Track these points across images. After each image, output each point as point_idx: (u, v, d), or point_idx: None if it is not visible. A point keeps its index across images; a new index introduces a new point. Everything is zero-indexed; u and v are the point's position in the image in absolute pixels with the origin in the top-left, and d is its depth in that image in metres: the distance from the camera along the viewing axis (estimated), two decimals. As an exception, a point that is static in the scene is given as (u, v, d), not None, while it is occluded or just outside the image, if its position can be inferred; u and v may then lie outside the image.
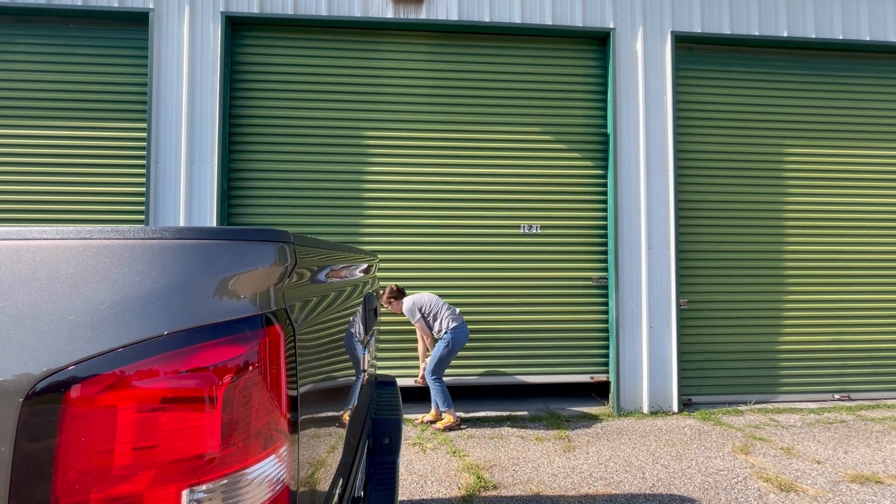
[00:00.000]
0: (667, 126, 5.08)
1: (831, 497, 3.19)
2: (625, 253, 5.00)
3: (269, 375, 0.74)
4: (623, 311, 4.98)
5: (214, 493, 0.65)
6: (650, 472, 3.54)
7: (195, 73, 4.71)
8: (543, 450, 3.96)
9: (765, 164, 5.35)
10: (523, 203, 5.09)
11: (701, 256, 5.24)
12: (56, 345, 0.61)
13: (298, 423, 0.84)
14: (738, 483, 3.38)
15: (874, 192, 5.45)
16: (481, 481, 3.35)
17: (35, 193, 4.67)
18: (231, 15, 4.75)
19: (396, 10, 4.89)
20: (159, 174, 4.65)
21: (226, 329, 0.69)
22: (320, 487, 1.01)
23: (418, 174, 5.00)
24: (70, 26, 4.77)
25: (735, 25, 5.18)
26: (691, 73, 5.30)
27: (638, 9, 5.10)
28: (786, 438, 4.24)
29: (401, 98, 5.03)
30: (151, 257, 0.70)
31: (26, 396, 0.59)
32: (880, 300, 5.41)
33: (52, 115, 4.72)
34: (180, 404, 0.64)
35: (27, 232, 0.72)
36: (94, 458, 0.60)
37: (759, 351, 5.28)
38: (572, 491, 3.25)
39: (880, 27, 5.35)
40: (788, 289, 5.33)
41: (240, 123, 4.89)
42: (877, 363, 5.38)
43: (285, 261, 0.83)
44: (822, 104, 5.44)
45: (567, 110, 5.17)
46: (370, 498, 1.73)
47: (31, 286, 0.66)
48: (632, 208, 5.03)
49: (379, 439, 2.08)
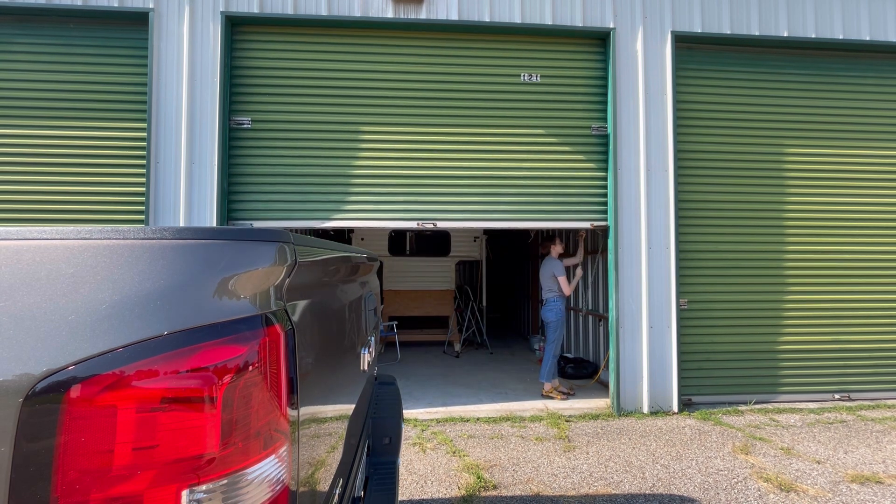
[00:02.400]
0: (667, 126, 5.08)
1: (831, 497, 3.19)
2: (625, 253, 5.00)
3: (268, 375, 0.74)
4: (623, 311, 4.98)
5: (214, 494, 0.65)
6: (650, 472, 3.54)
7: (195, 73, 4.71)
8: (543, 450, 3.96)
9: (765, 164, 5.35)
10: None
11: (701, 256, 5.24)
12: (56, 345, 0.61)
13: (298, 423, 0.84)
14: (738, 483, 3.38)
15: (874, 192, 5.45)
16: (481, 481, 3.35)
17: (35, 193, 4.67)
18: (231, 15, 4.74)
19: (396, 9, 4.89)
20: (159, 174, 4.65)
21: (226, 329, 0.69)
22: (320, 487, 1.01)
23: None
24: (70, 26, 4.77)
25: (735, 25, 5.18)
26: (691, 72, 5.30)
27: (638, 8, 5.10)
28: (786, 438, 4.24)
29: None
30: (151, 257, 0.70)
31: (26, 396, 0.59)
32: (880, 300, 5.41)
33: (52, 115, 4.72)
34: (180, 404, 0.64)
35: (27, 232, 0.72)
36: (93, 458, 0.60)
37: (759, 351, 5.28)
38: (572, 491, 3.25)
39: (880, 27, 5.35)
40: (788, 289, 5.33)
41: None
42: (877, 363, 5.38)
43: (285, 261, 0.83)
44: (822, 104, 5.43)
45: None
46: (370, 498, 1.73)
47: (31, 286, 0.66)
48: (632, 208, 5.03)
49: (379, 439, 2.08)
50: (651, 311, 4.98)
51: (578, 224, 5.14)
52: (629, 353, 4.96)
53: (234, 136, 4.87)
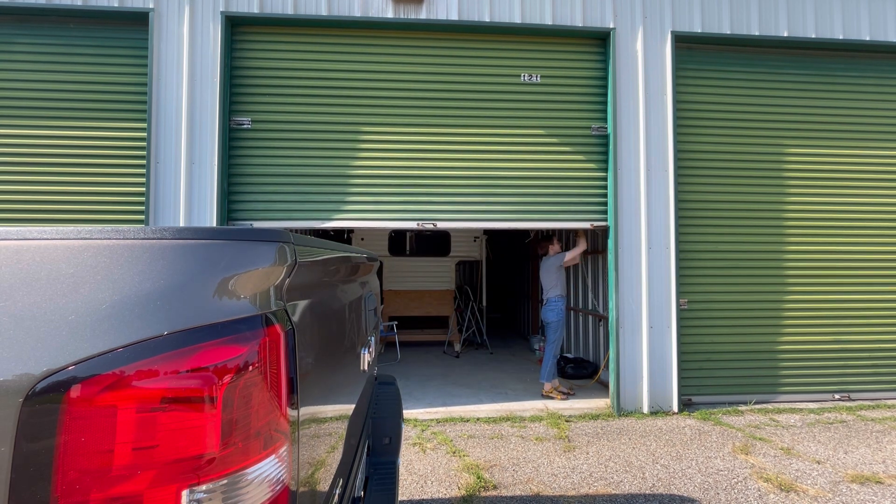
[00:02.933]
0: (667, 126, 5.08)
1: (831, 497, 3.19)
2: (625, 253, 5.00)
3: (269, 375, 0.74)
4: (623, 311, 4.98)
5: (214, 494, 0.65)
6: (650, 472, 3.54)
7: (195, 73, 4.71)
8: (543, 450, 3.96)
9: (765, 164, 5.35)
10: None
11: (701, 256, 5.24)
12: (56, 345, 0.61)
13: (298, 424, 0.84)
14: (738, 483, 3.38)
15: (874, 192, 5.45)
16: (481, 481, 3.35)
17: (35, 193, 4.67)
18: (231, 15, 4.75)
19: (396, 9, 4.89)
20: (159, 174, 4.65)
21: (226, 329, 0.69)
22: (320, 487, 1.01)
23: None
24: (70, 26, 4.77)
25: (735, 25, 5.18)
26: (691, 73, 5.30)
27: (638, 8, 5.10)
28: (786, 438, 4.24)
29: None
30: (151, 257, 0.70)
31: (26, 396, 0.59)
32: (880, 300, 5.41)
33: (52, 115, 4.72)
34: (180, 404, 0.64)
35: (27, 232, 0.72)
36: (93, 458, 0.60)
37: (759, 351, 5.28)
38: (572, 491, 3.25)
39: (880, 27, 5.35)
40: (788, 289, 5.33)
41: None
42: (877, 363, 5.38)
43: (285, 261, 0.83)
44: (822, 104, 5.44)
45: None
46: (370, 498, 1.73)
47: (31, 286, 0.66)
48: (632, 208, 5.03)
49: (379, 439, 2.08)
50: (651, 311, 4.98)
51: (578, 224, 5.13)
52: (629, 353, 4.96)
53: (235, 137, 4.87)
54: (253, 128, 4.90)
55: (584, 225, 5.13)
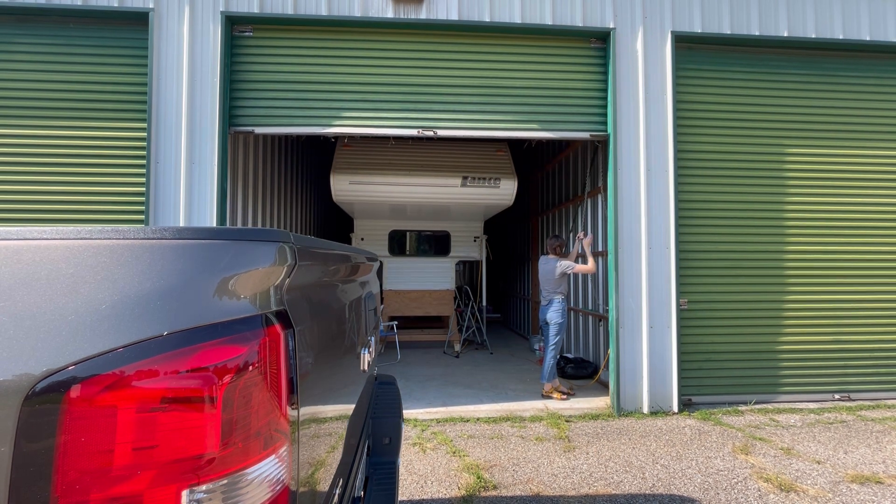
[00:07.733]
0: (667, 126, 5.07)
1: (831, 497, 3.19)
2: (625, 253, 5.00)
3: (269, 375, 0.74)
4: (623, 311, 4.98)
5: (214, 494, 0.65)
6: (650, 473, 3.54)
7: (195, 73, 4.70)
8: (543, 450, 3.96)
9: (765, 164, 5.35)
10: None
11: (701, 256, 5.24)
12: (56, 345, 0.61)
13: (298, 424, 0.84)
14: (738, 483, 3.37)
15: (874, 192, 5.45)
16: (481, 481, 3.35)
17: (35, 193, 4.67)
18: (231, 14, 4.74)
19: (396, 9, 4.88)
20: (159, 174, 4.65)
21: (226, 329, 0.69)
22: (320, 487, 1.01)
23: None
24: (70, 26, 4.76)
25: (735, 25, 5.18)
26: (691, 73, 5.30)
27: (638, 8, 5.09)
28: (786, 438, 4.24)
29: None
30: (151, 257, 0.70)
31: (26, 396, 0.59)
32: (880, 300, 5.40)
33: (52, 115, 4.71)
34: (180, 404, 0.64)
35: (27, 232, 0.72)
36: (93, 458, 0.60)
37: (759, 351, 5.27)
38: (572, 491, 3.25)
39: (880, 27, 5.35)
40: (788, 289, 5.32)
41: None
42: (877, 363, 5.38)
43: (285, 261, 0.83)
44: (822, 104, 5.43)
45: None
46: (370, 498, 1.73)
47: (31, 286, 0.66)
48: (632, 208, 5.03)
49: (379, 439, 2.08)
50: (651, 310, 4.98)
51: (578, 135, 5.10)
52: (629, 353, 4.96)
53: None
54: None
55: (583, 135, 5.09)
